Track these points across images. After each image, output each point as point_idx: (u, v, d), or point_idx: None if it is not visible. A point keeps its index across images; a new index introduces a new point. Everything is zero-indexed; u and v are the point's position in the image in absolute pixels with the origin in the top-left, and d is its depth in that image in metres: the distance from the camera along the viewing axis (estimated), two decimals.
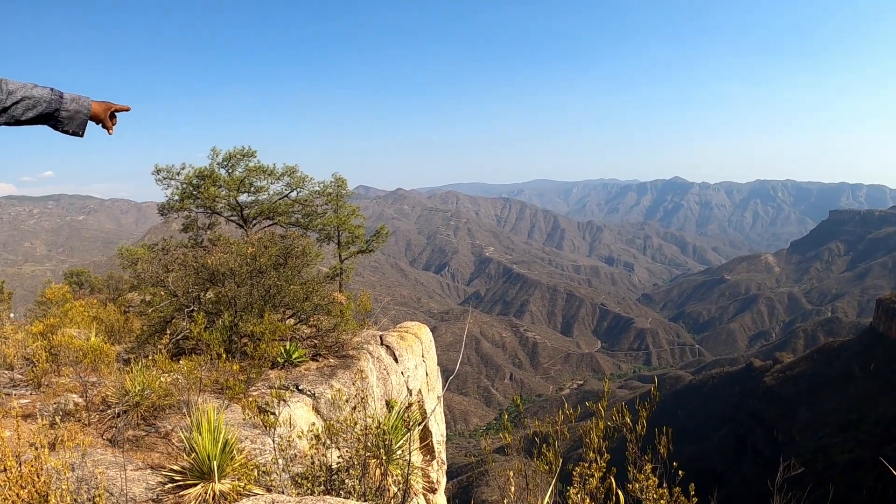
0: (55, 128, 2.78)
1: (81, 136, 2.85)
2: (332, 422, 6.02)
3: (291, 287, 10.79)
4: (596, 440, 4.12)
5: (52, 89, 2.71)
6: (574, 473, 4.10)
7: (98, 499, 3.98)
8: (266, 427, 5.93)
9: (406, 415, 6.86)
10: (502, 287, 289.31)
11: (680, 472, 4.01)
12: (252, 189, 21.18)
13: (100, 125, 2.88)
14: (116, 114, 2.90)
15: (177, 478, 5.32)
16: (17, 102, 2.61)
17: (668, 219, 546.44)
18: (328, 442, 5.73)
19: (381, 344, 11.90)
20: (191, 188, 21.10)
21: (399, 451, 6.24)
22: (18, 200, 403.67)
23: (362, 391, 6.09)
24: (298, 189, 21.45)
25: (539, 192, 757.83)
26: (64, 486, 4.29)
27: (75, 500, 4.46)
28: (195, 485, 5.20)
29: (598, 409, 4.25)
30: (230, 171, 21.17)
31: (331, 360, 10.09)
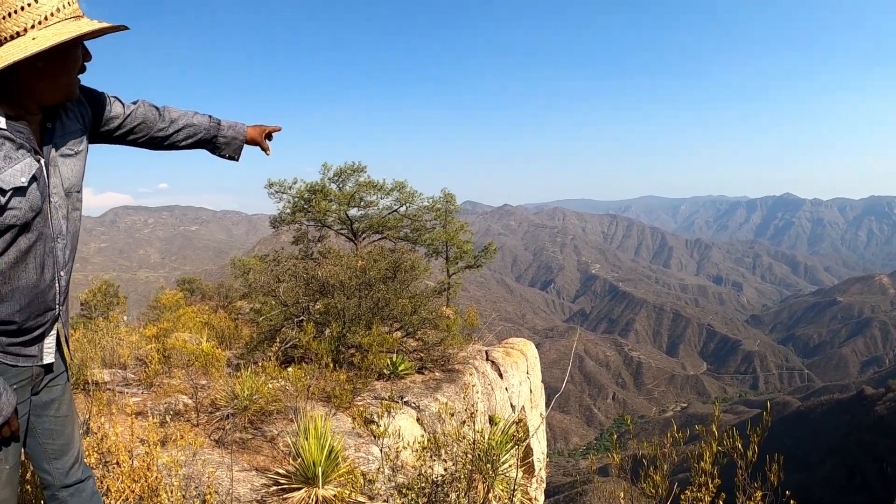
0: (213, 152, 2.87)
1: (237, 160, 2.93)
2: (438, 434, 5.91)
3: (400, 300, 10.79)
4: (707, 464, 3.86)
5: (210, 117, 2.80)
6: (682, 498, 3.86)
7: (209, 497, 4.03)
8: (375, 436, 5.87)
9: (511, 431, 6.68)
10: (608, 305, 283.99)
11: (792, 502, 3.71)
12: (362, 203, 21.54)
13: (257, 147, 2.97)
14: (272, 134, 2.99)
15: (282, 481, 5.33)
16: (178, 130, 2.69)
17: (779, 237, 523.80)
18: (434, 454, 5.61)
19: (487, 359, 11.75)
20: (302, 202, 21.61)
21: (504, 468, 6.08)
22: (135, 210, 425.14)
23: (472, 405, 5.97)
24: (407, 204, 21.67)
25: (646, 208, 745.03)
26: (176, 483, 4.32)
27: (184, 496, 4.47)
28: (299, 489, 5.20)
29: (708, 433, 3.99)
30: (341, 185, 21.60)
31: (436, 374, 10.01)
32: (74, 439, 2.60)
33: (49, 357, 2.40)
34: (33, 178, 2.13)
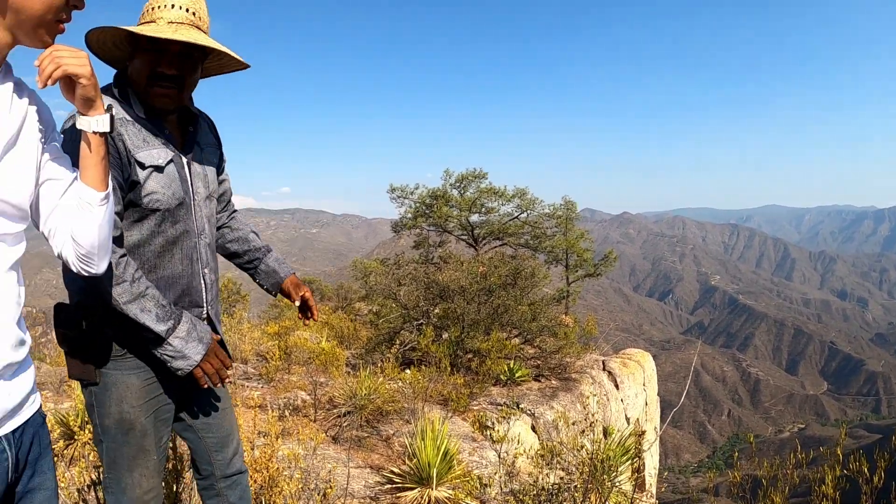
0: (252, 277, 2.91)
1: (273, 295, 2.97)
2: (554, 443, 5.80)
3: (519, 307, 10.71)
4: (829, 488, 3.61)
5: (264, 248, 2.88)
6: None
7: (329, 491, 4.09)
8: (494, 441, 5.82)
9: (628, 444, 6.50)
10: (727, 318, 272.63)
11: None
12: (483, 210, 21.58)
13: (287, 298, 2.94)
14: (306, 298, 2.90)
15: (396, 480, 5.36)
16: (236, 229, 2.84)
17: None
18: (551, 463, 5.52)
19: (604, 369, 11.52)
20: (424, 207, 21.84)
21: (618, 481, 5.91)
22: (257, 212, 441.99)
23: (592, 415, 5.83)
24: (528, 211, 21.57)
25: (769, 218, 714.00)
26: (297, 475, 4.41)
27: (301, 488, 4.54)
28: (412, 489, 5.22)
29: (831, 455, 3.74)
30: (462, 191, 21.74)
31: (553, 382, 9.87)
32: (234, 431, 2.68)
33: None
34: (171, 164, 2.26)
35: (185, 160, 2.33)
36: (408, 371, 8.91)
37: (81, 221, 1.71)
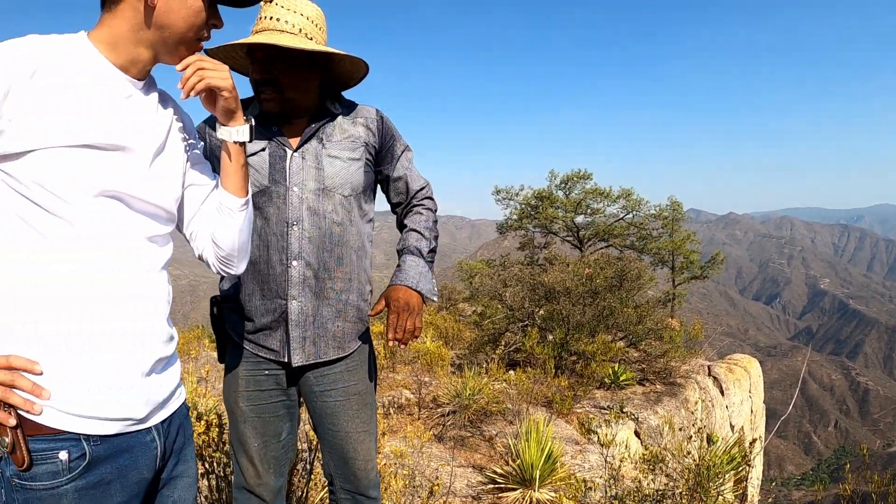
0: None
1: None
2: (659, 448, 5.73)
3: (625, 309, 10.59)
4: None
5: (422, 246, 2.61)
6: None
7: (436, 488, 4.20)
8: (601, 444, 5.79)
9: (733, 452, 6.35)
10: (836, 323, 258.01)
11: None
12: (588, 211, 21.37)
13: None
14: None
15: (498, 480, 5.39)
16: (407, 219, 2.69)
17: None
18: (655, 468, 5.45)
19: (709, 375, 11.26)
20: (529, 208, 21.79)
21: (723, 490, 5.78)
22: None
23: (700, 420, 5.74)
24: (634, 212, 21.22)
25: (881, 218, 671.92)
26: (405, 471, 4.53)
27: (406, 484, 4.66)
28: (514, 490, 5.24)
29: None
30: (567, 192, 21.57)
31: (657, 386, 9.72)
32: (356, 458, 2.55)
33: (297, 359, 2.41)
34: (259, 154, 2.37)
35: (289, 153, 2.39)
36: (512, 372, 8.95)
37: (222, 226, 1.83)
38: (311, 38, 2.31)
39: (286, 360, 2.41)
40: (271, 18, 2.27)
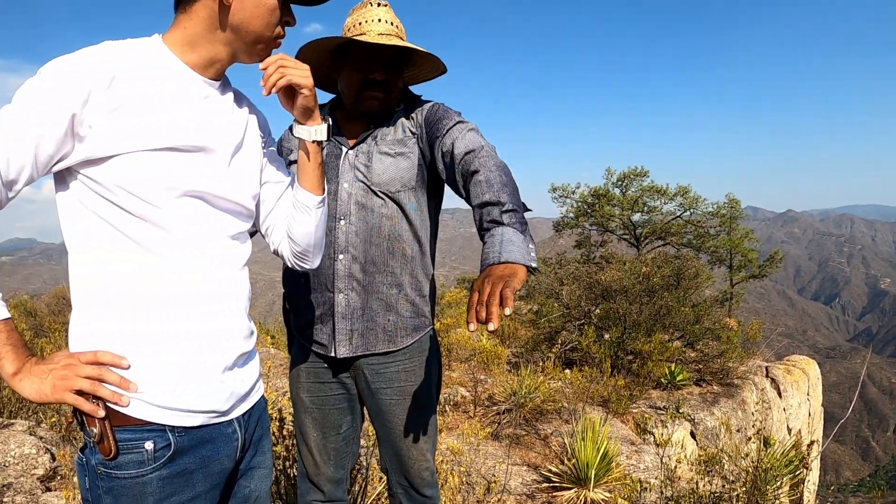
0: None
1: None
2: (715, 450, 5.70)
3: (682, 309, 10.50)
4: None
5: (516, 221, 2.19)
6: None
7: (493, 485, 4.25)
8: (657, 444, 5.78)
9: (790, 455, 6.28)
10: None
11: None
12: (645, 209, 21.13)
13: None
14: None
15: (553, 479, 5.42)
16: (475, 195, 2.54)
17: None
18: (712, 470, 5.43)
19: (766, 376, 11.09)
20: (585, 206, 21.66)
21: (780, 494, 5.72)
22: None
23: (760, 422, 5.69)
24: (691, 210, 20.90)
25: None
26: (462, 467, 4.60)
27: (463, 481, 4.73)
28: (569, 489, 5.26)
29: None
30: (624, 190, 21.37)
31: (714, 387, 9.61)
32: (411, 458, 2.58)
33: (342, 351, 2.44)
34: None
35: (344, 150, 2.46)
36: (568, 371, 8.96)
37: (298, 222, 1.87)
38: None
39: (334, 355, 2.45)
40: (380, 21, 2.35)
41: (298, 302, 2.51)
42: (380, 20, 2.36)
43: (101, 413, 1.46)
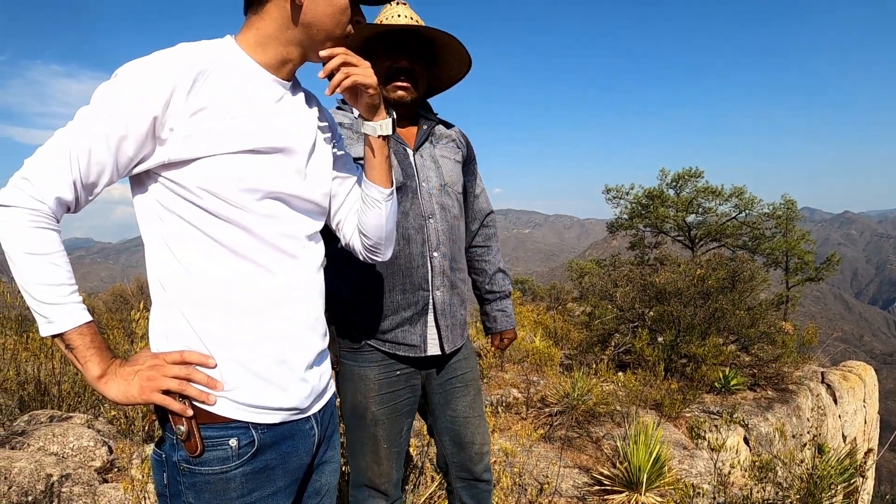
0: (478, 302, 3.10)
1: (486, 334, 3.12)
2: (770, 456, 5.67)
3: (737, 312, 10.38)
4: None
5: (503, 291, 3.05)
6: None
7: (546, 487, 4.32)
8: (712, 449, 5.76)
9: (845, 463, 6.19)
10: None
11: None
12: (699, 210, 20.87)
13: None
14: None
15: (605, 482, 5.44)
16: (479, 265, 3.01)
17: None
18: (766, 476, 5.40)
19: (822, 381, 10.89)
20: (639, 207, 21.49)
21: (834, 501, 5.65)
22: None
23: (815, 429, 5.64)
24: (746, 211, 20.55)
25: None
26: (515, 469, 4.66)
27: (516, 482, 4.79)
28: (621, 492, 5.28)
29: None
30: (678, 191, 21.13)
31: (768, 392, 9.46)
32: (475, 439, 2.72)
33: (433, 348, 2.52)
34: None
35: (409, 150, 2.54)
36: (621, 373, 8.95)
37: (369, 216, 1.89)
38: None
39: (424, 354, 2.50)
40: (400, 16, 2.46)
41: (383, 305, 2.49)
42: (399, 15, 2.46)
43: (190, 412, 1.49)
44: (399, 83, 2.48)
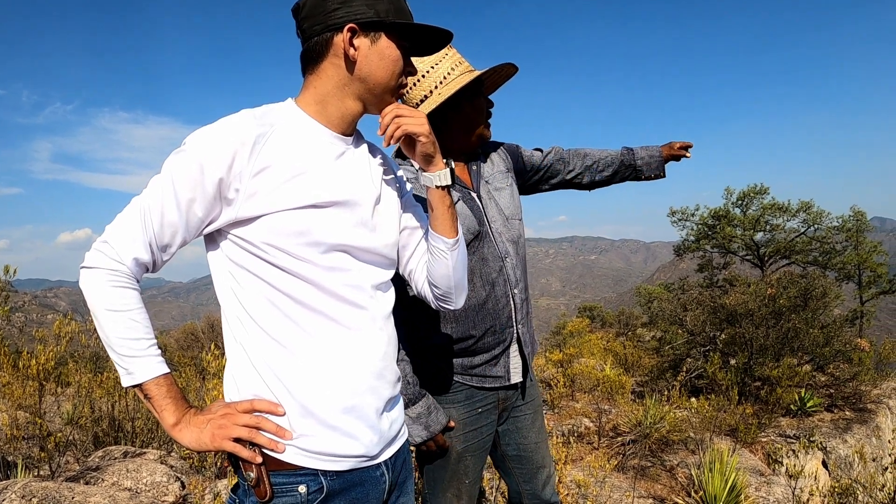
0: (637, 178, 3.02)
1: (663, 176, 3.02)
2: (849, 481, 5.57)
3: (811, 331, 10.18)
4: None
5: (623, 148, 2.99)
6: None
7: None
8: (790, 476, 5.68)
9: None
10: None
11: None
12: (767, 227, 20.49)
13: (672, 161, 3.00)
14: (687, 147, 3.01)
15: None
16: (589, 167, 2.94)
17: None
18: (844, 502, 5.31)
19: None
20: (706, 228, 21.25)
21: None
22: (536, 242, 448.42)
23: None
24: (815, 225, 20.07)
25: None
26: (589, 501, 4.69)
27: None
28: None
29: None
30: (744, 209, 20.81)
31: (846, 413, 9.19)
32: (546, 464, 2.77)
33: (516, 376, 2.58)
34: (458, 203, 2.51)
35: (474, 194, 2.56)
36: (694, 399, 8.86)
37: (437, 266, 1.91)
38: None
39: (509, 383, 2.57)
40: (461, 62, 2.47)
41: (473, 350, 2.52)
42: (461, 61, 2.48)
43: (259, 459, 1.54)
44: (486, 127, 2.57)
